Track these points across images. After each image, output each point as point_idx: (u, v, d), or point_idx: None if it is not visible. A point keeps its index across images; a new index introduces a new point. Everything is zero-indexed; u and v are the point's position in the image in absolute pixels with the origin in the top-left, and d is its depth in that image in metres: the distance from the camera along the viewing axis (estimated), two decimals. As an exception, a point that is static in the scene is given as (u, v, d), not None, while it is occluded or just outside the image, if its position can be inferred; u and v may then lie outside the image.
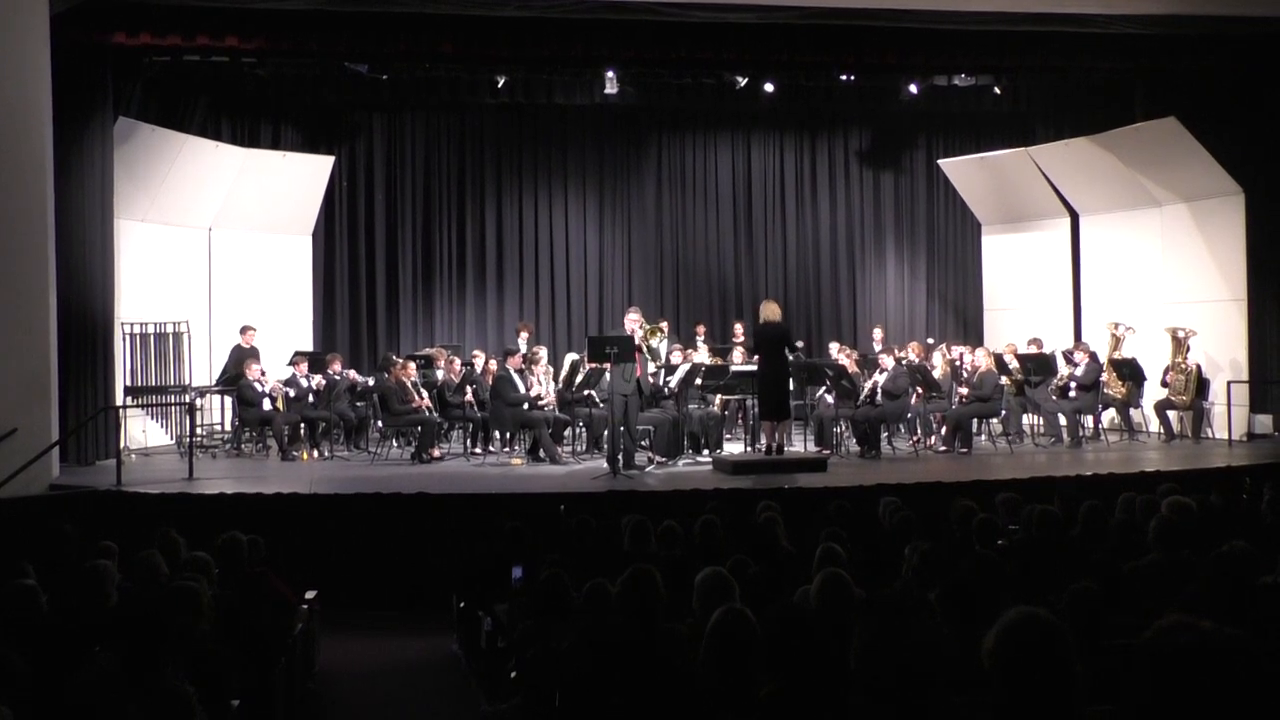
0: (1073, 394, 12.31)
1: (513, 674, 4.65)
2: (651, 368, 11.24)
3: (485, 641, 5.90)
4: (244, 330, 12.47)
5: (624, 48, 11.66)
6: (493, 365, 11.95)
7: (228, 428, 12.67)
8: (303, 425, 11.82)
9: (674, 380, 11.49)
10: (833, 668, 2.97)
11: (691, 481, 9.60)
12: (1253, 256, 12.35)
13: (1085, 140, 13.51)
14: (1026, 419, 13.02)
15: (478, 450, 11.88)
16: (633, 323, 10.92)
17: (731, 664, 3.14)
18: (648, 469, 10.60)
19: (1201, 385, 12.34)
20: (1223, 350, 12.54)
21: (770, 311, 10.65)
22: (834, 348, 13.14)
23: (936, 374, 12.15)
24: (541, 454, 11.11)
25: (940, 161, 15.64)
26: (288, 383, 11.99)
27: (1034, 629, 2.36)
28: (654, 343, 11.37)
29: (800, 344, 11.96)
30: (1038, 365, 12.33)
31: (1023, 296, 14.91)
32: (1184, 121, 12.29)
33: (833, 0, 10.66)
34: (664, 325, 12.56)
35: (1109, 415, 12.77)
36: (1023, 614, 2.40)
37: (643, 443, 11.20)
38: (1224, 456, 10.86)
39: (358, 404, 12.32)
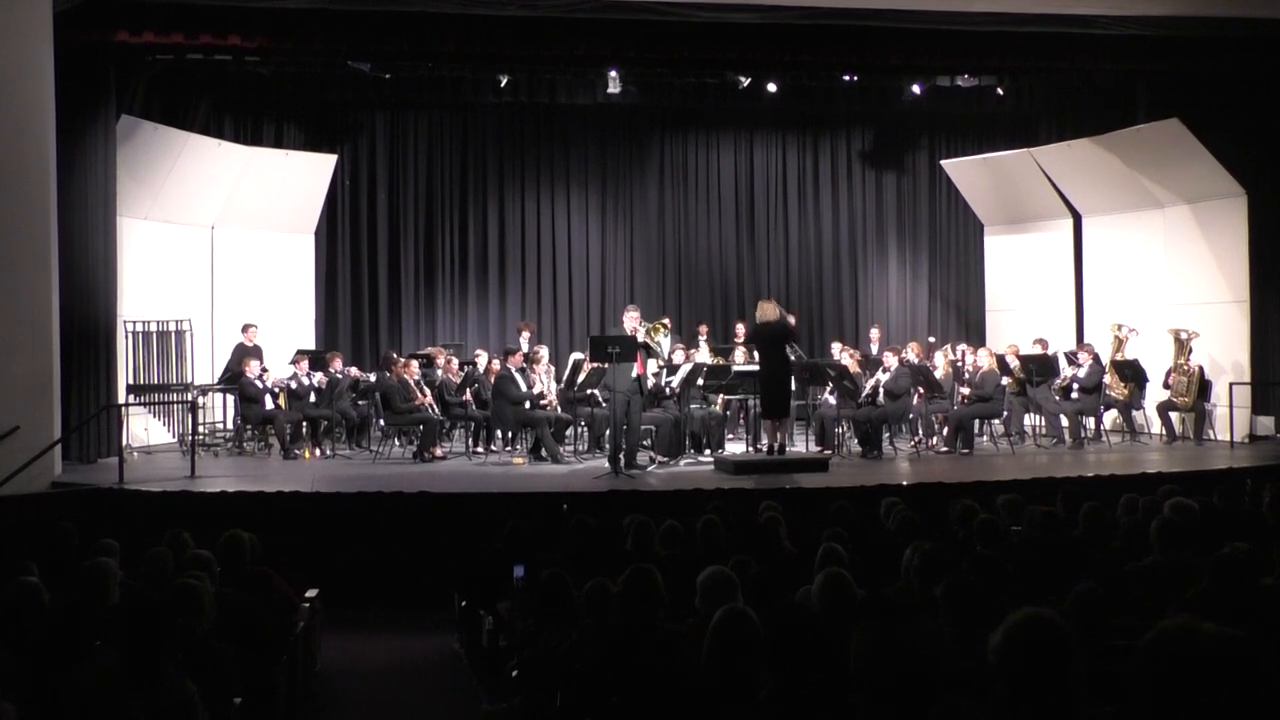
0: (1075, 395, 12.31)
1: (514, 673, 4.66)
2: (654, 366, 11.24)
3: (486, 640, 5.90)
4: (245, 328, 12.48)
5: (627, 47, 11.67)
6: (495, 365, 11.95)
7: (230, 426, 12.68)
8: (304, 424, 11.83)
9: (676, 380, 11.49)
10: (834, 668, 2.97)
11: (693, 481, 9.60)
12: (1255, 258, 12.35)
13: (1088, 141, 13.50)
14: (1028, 420, 13.03)
15: (479, 449, 11.89)
16: (632, 320, 10.90)
17: (733, 663, 3.14)
18: (649, 469, 10.60)
19: (1203, 387, 12.33)
20: (1225, 352, 12.53)
21: (767, 311, 10.65)
22: (836, 348, 13.14)
23: (938, 374, 12.15)
24: (543, 453, 11.11)
25: (943, 162, 15.64)
26: (289, 380, 12.00)
27: (1041, 630, 2.37)
28: (659, 339, 11.37)
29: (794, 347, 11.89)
30: (1040, 366, 12.33)
31: (1025, 298, 14.91)
32: (1186, 123, 12.28)
33: (836, 0, 10.67)
34: (666, 321, 12.53)
35: (1111, 416, 12.77)
36: (1031, 615, 2.41)
37: (644, 442, 11.20)
38: (1226, 458, 10.85)
39: (360, 402, 12.33)
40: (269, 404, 11.76)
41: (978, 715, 2.56)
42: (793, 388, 11.12)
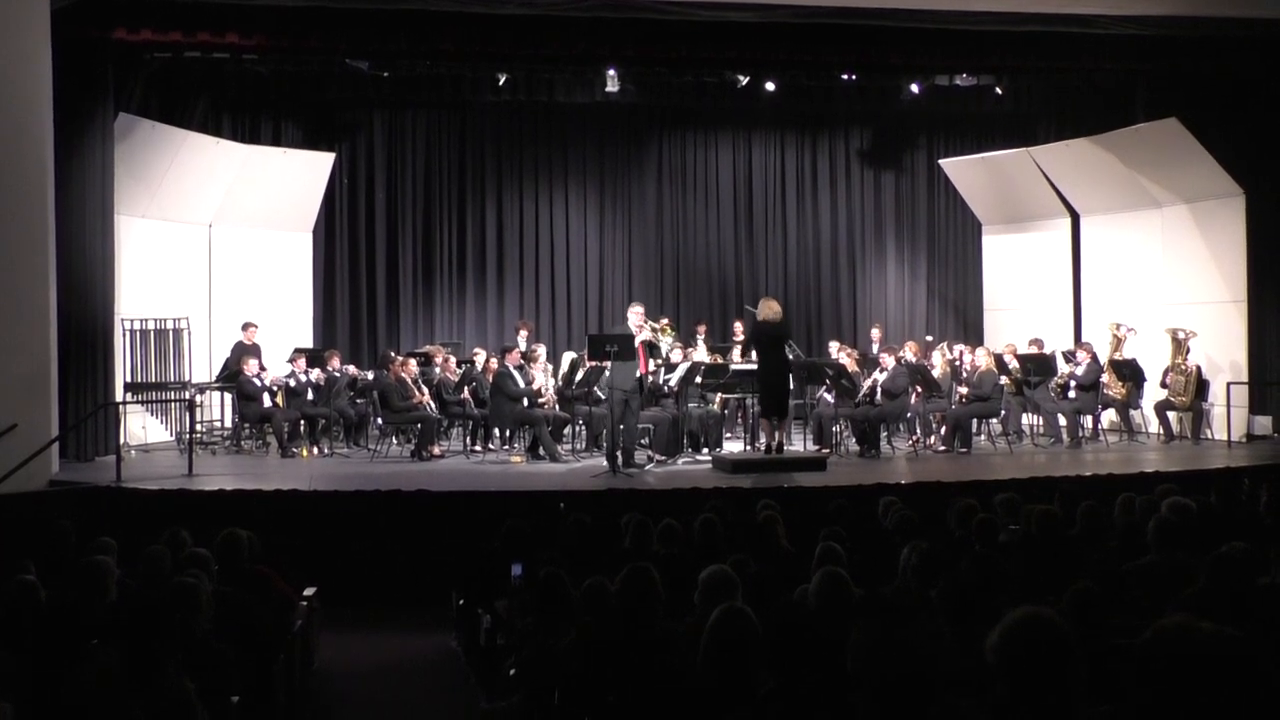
0: (1072, 394, 12.33)
1: (511, 671, 4.65)
2: (653, 365, 11.23)
3: (484, 639, 5.90)
4: (245, 327, 12.48)
5: (625, 46, 11.66)
6: (493, 363, 11.94)
7: (228, 424, 12.68)
8: (302, 422, 11.82)
9: (674, 378, 11.49)
10: (832, 667, 2.97)
11: (691, 480, 9.60)
12: (1253, 258, 12.36)
13: (1086, 141, 13.51)
14: (1026, 419, 13.03)
15: (477, 448, 11.88)
16: (637, 317, 10.89)
17: (731, 662, 3.14)
18: (647, 467, 10.60)
19: (1201, 386, 12.34)
20: (1222, 352, 12.54)
21: (769, 310, 10.61)
22: (834, 347, 13.14)
23: (936, 373, 12.15)
24: (541, 452, 11.11)
25: (941, 161, 15.64)
26: (287, 379, 11.99)
27: (1039, 629, 2.37)
28: (663, 340, 11.37)
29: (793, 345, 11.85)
30: (1037, 365, 12.33)
31: (1023, 297, 14.91)
32: (1185, 122, 12.29)
33: (834, -1, 10.69)
34: (666, 322, 12.55)
35: (1108, 416, 12.77)
36: (1028, 613, 2.41)
37: (642, 441, 11.20)
38: (1223, 458, 10.86)
39: (358, 401, 12.32)
40: (267, 402, 11.75)
41: (977, 715, 2.56)
42: (791, 386, 11.10)
